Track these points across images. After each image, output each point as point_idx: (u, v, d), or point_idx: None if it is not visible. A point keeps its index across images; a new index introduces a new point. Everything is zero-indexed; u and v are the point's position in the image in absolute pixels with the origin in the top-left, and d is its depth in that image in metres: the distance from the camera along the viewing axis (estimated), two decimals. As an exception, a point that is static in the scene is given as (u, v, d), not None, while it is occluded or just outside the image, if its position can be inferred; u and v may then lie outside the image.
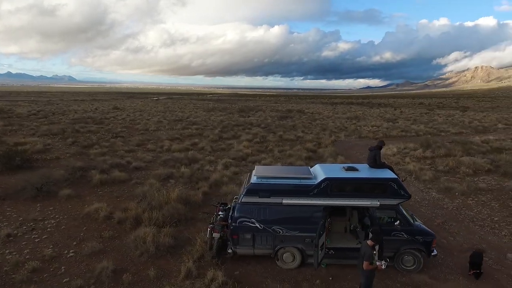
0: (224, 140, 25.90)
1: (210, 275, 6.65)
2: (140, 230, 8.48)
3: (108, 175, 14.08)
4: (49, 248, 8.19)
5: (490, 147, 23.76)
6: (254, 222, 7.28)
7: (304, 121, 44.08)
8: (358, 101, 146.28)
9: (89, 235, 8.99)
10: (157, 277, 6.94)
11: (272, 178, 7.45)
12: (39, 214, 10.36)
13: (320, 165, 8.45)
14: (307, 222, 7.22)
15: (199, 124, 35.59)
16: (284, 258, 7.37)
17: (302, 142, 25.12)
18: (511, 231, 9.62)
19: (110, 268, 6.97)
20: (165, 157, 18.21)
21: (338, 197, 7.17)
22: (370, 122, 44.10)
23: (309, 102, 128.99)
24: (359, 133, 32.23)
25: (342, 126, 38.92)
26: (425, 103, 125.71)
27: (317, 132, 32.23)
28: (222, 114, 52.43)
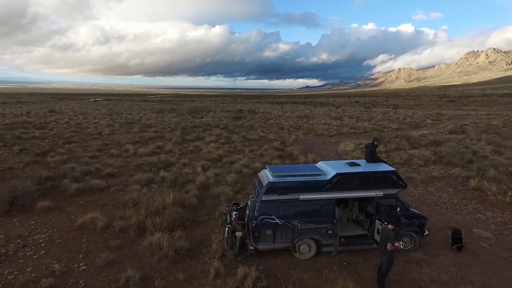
0: (188, 142, 25.62)
1: (242, 272, 6.96)
2: (153, 236, 8.36)
3: (85, 183, 13.27)
4: (55, 264, 7.66)
5: (428, 141, 27.04)
6: (274, 219, 7.75)
7: (259, 121, 45.13)
8: (301, 100, 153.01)
9: (92, 246, 8.57)
10: (187, 279, 7.02)
11: (288, 176, 7.97)
12: (23, 229, 9.50)
13: (324, 162, 9.21)
14: (322, 214, 7.91)
15: (155, 127, 34.49)
16: (301, 250, 7.96)
17: (267, 142, 25.98)
18: (469, 210, 11.45)
19: (137, 276, 6.85)
20: (137, 162, 17.57)
21: (347, 190, 8.00)
22: (320, 121, 46.87)
23: (255, 102, 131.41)
24: (315, 131, 34.17)
25: (296, 125, 40.77)
26: (361, 101, 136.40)
27: (276, 131, 33.42)
28: (174, 116, 51.19)
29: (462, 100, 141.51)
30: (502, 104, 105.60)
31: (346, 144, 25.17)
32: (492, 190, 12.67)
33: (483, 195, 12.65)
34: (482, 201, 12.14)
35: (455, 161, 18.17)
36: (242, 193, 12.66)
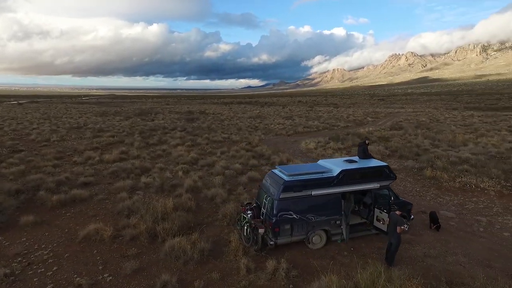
0: (153, 146, 24.98)
1: (271, 265, 7.55)
2: (173, 241, 8.48)
3: (65, 194, 12.50)
4: (76, 277, 7.41)
5: (376, 137, 29.99)
6: (291, 214, 8.47)
7: (214, 122, 45.26)
8: (246, 100, 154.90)
9: (107, 257, 8.37)
10: (222, 278, 7.38)
11: (301, 175, 8.73)
12: (18, 247, 8.82)
13: (323, 160, 10.21)
14: (331, 207, 8.86)
15: (109, 131, 32.66)
16: (313, 241, 8.80)
17: (232, 143, 26.47)
18: (431, 196, 13.45)
19: (174, 280, 7.03)
20: (110, 169, 16.85)
21: (351, 184, 9.05)
22: (273, 121, 48.60)
23: (201, 103, 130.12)
24: (273, 131, 35.52)
25: (252, 125, 41.80)
26: (303, 101, 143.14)
27: (236, 132, 34.01)
28: (122, 119, 48.67)
29: (390, 98, 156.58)
30: (422, 102, 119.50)
31: (306, 142, 26.84)
32: (444, 178, 15.00)
33: (437, 182, 14.88)
34: (438, 188, 14.31)
35: (406, 155, 20.76)
36: (234, 193, 13.10)
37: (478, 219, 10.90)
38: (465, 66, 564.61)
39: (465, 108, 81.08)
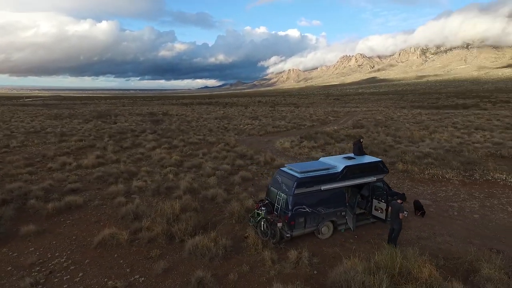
0: (128, 150, 24.38)
1: (293, 255, 8.25)
2: (194, 240, 8.82)
3: (59, 201, 12.08)
4: (107, 281, 7.48)
5: (344, 135, 31.99)
6: (305, 208, 9.23)
7: (181, 124, 44.84)
8: (206, 101, 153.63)
9: (131, 259, 8.47)
10: (251, 270, 7.91)
11: (310, 172, 9.53)
12: (30, 257, 8.56)
13: (325, 158, 11.15)
14: (337, 200, 9.78)
15: (73, 135, 31.06)
16: (323, 231, 9.65)
17: (209, 144, 26.69)
18: (407, 187, 15.06)
19: (209, 275, 7.43)
20: (96, 174, 16.37)
21: (353, 178, 10.06)
22: (240, 121, 49.27)
23: (159, 104, 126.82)
24: (244, 131, 36.19)
25: (222, 126, 42.15)
26: (263, 101, 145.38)
27: (208, 133, 34.13)
28: (80, 122, 46.20)
29: (344, 98, 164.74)
30: (374, 101, 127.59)
31: (281, 142, 27.92)
32: (415, 171, 16.81)
33: (410, 175, 16.63)
34: (411, 179, 16.03)
35: (376, 151, 22.61)
36: (232, 193, 13.58)
37: (451, 205, 12.57)
38: (407, 68, 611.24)
39: (411, 107, 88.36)
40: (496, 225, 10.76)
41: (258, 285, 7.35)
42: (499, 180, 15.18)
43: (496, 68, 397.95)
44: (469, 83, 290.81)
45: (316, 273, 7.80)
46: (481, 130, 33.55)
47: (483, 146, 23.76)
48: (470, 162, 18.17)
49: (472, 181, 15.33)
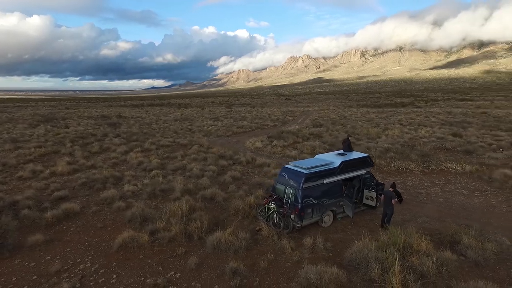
0: (98, 155, 23.58)
1: (308, 241, 9.31)
2: (213, 236, 9.44)
3: (56, 210, 11.76)
4: (145, 280, 7.82)
5: (307, 134, 33.94)
6: (312, 200, 10.33)
7: (141, 126, 43.76)
8: (158, 102, 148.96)
9: (158, 259, 8.82)
10: (275, 257, 8.78)
11: (314, 167, 10.64)
12: (53, 265, 8.49)
13: (320, 155, 12.43)
14: (336, 191, 11.06)
15: (28, 141, 28.92)
16: (325, 220, 10.85)
17: (182, 146, 26.78)
18: (379, 178, 16.93)
19: (242, 264, 8.16)
20: (80, 181, 15.89)
21: (348, 172, 11.41)
22: (202, 122, 49.32)
23: (107, 106, 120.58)
24: (211, 133, 36.54)
25: (185, 128, 42.00)
26: (216, 101, 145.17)
27: (173, 135, 33.92)
28: (26, 127, 42.69)
29: (295, 98, 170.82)
30: (322, 100, 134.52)
31: (251, 142, 28.94)
32: (382, 164, 18.94)
33: (378, 168, 18.69)
34: (381, 172, 18.08)
35: (341, 147, 24.64)
36: (228, 192, 14.26)
37: (419, 192, 14.65)
38: (349, 69, 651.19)
39: (358, 106, 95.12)
40: (458, 206, 12.93)
41: (287, 270, 8.28)
42: (451, 169, 17.84)
43: (424, 70, 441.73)
44: (403, 83, 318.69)
45: (331, 255, 8.96)
46: (423, 126, 37.83)
47: (429, 141, 27.14)
48: (424, 154, 20.89)
49: (430, 171, 17.81)
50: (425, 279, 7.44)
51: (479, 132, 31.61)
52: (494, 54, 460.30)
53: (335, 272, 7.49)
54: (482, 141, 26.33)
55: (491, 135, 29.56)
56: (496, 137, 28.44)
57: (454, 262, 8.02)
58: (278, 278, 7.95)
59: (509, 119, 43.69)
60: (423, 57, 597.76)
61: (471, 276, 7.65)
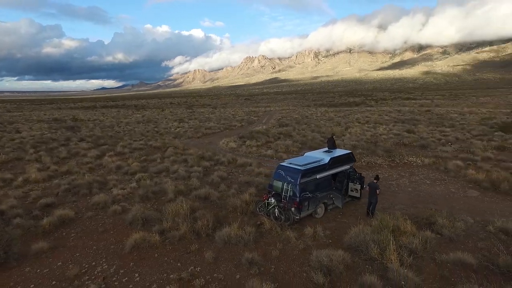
0: (68, 160, 22.68)
1: (309, 231, 10.32)
2: (221, 231, 10.07)
3: (52, 217, 11.53)
4: (168, 276, 8.24)
5: (276, 133, 35.19)
6: (308, 194, 11.35)
7: (104, 129, 42.24)
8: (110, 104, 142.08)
9: (174, 255, 9.22)
10: (283, 246, 9.63)
11: (308, 164, 11.66)
12: (65, 270, 8.54)
13: (309, 153, 13.51)
14: (326, 185, 12.21)
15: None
16: (318, 212, 11.94)
17: (155, 149, 26.59)
18: (353, 173, 18.60)
19: (256, 255, 8.92)
20: (63, 187, 15.43)
21: (336, 167, 12.62)
22: (168, 124, 48.66)
23: (55, 108, 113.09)
24: (181, 135, 36.41)
25: (152, 130, 41.28)
26: (175, 102, 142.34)
27: (142, 138, 33.34)
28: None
29: (254, 98, 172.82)
30: (281, 100, 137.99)
31: (224, 143, 29.56)
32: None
33: (350, 163, 20.35)
34: (354, 166, 19.72)
35: (314, 146, 26.28)
36: (220, 191, 14.83)
37: (390, 183, 16.43)
38: (304, 69, 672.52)
39: (315, 105, 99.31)
40: (425, 193, 14.82)
41: (296, 256, 9.20)
42: (412, 162, 20.08)
43: (372, 71, 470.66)
44: (354, 83, 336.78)
45: (331, 241, 10.05)
46: (380, 124, 41.08)
47: (388, 137, 29.82)
48: (387, 150, 23.13)
49: (395, 164, 19.89)
50: (415, 254, 8.80)
51: (428, 129, 35.27)
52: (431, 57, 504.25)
53: (341, 254, 8.56)
54: (432, 137, 29.56)
55: (438, 131, 33.18)
56: (443, 133, 32.04)
57: (434, 240, 9.51)
58: (291, 264, 8.84)
59: (449, 116, 48.97)
60: (370, 59, 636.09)
61: (448, 250, 9.17)
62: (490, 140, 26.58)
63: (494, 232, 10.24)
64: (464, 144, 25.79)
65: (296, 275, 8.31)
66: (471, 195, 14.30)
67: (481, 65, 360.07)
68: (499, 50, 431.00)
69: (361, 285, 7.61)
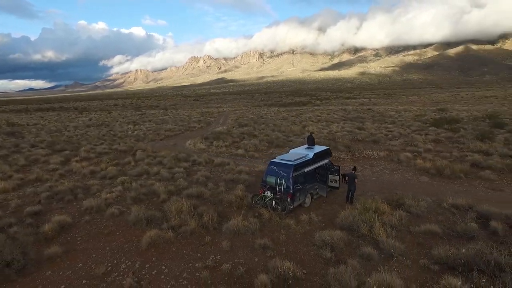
0: (27, 168, 21.46)
1: (305, 217, 11.80)
2: (228, 223, 11.10)
3: (52, 224, 11.42)
4: (194, 265, 9.04)
5: (239, 133, 36.39)
6: (299, 185, 12.81)
7: (52, 134, 39.72)
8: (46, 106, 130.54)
9: (190, 248, 9.96)
10: (287, 231, 10.95)
11: (297, 159, 13.10)
12: (89, 271, 8.87)
13: (294, 150, 15.00)
14: (312, 178, 13.81)
15: None
16: (306, 201, 13.47)
17: (122, 153, 26.15)
18: (322, 167, 20.63)
19: (267, 240, 10.11)
20: (43, 194, 14.96)
21: (318, 162, 14.29)
22: (123, 127, 47.06)
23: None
24: (141, 137, 35.79)
25: (108, 134, 39.81)
26: (119, 104, 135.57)
27: (103, 142, 32.26)
28: None
29: (202, 98, 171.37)
30: (231, 101, 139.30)
31: (191, 144, 30.05)
32: (320, 155, 22.75)
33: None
34: (321, 161, 21.81)
35: (281, 144, 28.06)
36: (210, 189, 15.66)
37: (357, 174, 18.65)
38: (249, 69, 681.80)
39: (265, 105, 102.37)
40: (387, 181, 17.28)
41: (300, 239, 10.59)
42: (370, 156, 22.82)
43: (314, 71, 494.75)
44: (298, 83, 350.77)
45: (324, 225, 11.64)
46: (331, 122, 44.54)
47: (343, 134, 32.81)
48: (347, 145, 25.76)
49: (357, 158, 22.44)
50: (395, 229, 10.76)
51: (374, 126, 39.29)
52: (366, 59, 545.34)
53: (339, 234, 10.18)
54: (380, 133, 33.24)
55: (384, 128, 37.26)
56: (388, 129, 36.11)
57: (406, 216, 11.62)
58: (297, 245, 10.21)
59: (389, 114, 54.56)
60: (312, 60, 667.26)
61: (418, 223, 11.32)
62: (427, 134, 30.87)
63: (448, 207, 12.74)
64: (407, 138, 29.61)
65: (305, 253, 9.71)
66: (423, 181, 17.09)
67: (407, 67, 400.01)
68: (421, 53, 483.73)
69: (361, 255, 9.28)
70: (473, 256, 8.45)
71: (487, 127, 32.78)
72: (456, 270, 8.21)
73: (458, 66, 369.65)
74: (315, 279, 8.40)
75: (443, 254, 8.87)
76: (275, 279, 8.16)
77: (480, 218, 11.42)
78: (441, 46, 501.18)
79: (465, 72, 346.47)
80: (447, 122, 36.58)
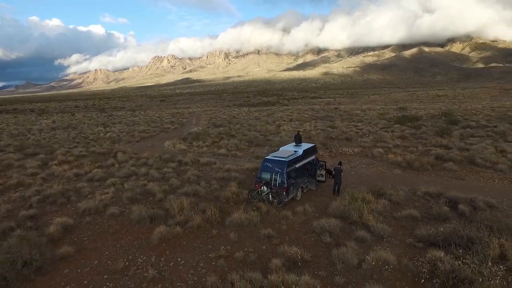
0: (5, 171, 20.66)
1: (300, 208, 12.86)
2: (231, 217, 11.87)
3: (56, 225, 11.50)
4: (208, 255, 9.72)
5: (216, 133, 36.92)
6: (292, 180, 13.86)
7: (23, 139, 37.69)
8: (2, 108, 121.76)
9: (200, 241, 10.59)
10: (287, 221, 11.91)
11: (290, 156, 14.13)
12: (107, 267, 9.24)
13: (284, 147, 16.02)
14: (302, 172, 14.92)
15: None
16: (298, 195, 14.54)
17: (102, 155, 25.77)
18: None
19: (270, 230, 11.02)
20: (33, 199, 14.73)
21: (306, 158, 15.42)
22: (93, 129, 45.70)
23: None
24: (116, 139, 35.19)
25: (79, 137, 38.68)
26: (80, 105, 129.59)
27: (76, 146, 31.37)
28: None
29: (169, 99, 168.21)
30: (199, 101, 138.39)
31: (169, 145, 30.16)
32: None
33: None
34: (302, 158, 23.11)
35: (261, 143, 29.07)
36: (204, 188, 16.25)
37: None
38: (215, 69, 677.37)
39: (234, 105, 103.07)
40: (365, 175, 18.89)
41: (299, 228, 11.61)
42: (346, 152, 24.52)
43: (280, 71, 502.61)
44: (264, 83, 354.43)
45: (318, 215, 12.78)
46: (303, 121, 46.35)
47: (317, 133, 34.55)
48: (323, 143, 27.35)
49: (334, 154, 24.02)
50: (382, 214, 12.15)
51: (344, 124, 41.57)
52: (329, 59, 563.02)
53: (334, 221, 11.35)
54: (351, 131, 35.39)
55: (353, 126, 39.58)
56: (357, 127, 38.44)
57: (388, 204, 13.09)
58: (298, 233, 11.24)
59: (355, 113, 57.59)
60: (277, 60, 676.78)
61: (400, 209, 12.82)
62: (393, 131, 33.44)
63: (422, 195, 14.43)
64: (376, 135, 31.92)
65: (307, 240, 10.76)
66: (397, 173, 18.91)
67: (367, 67, 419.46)
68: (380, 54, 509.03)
69: (356, 238, 10.50)
70: (450, 233, 9.95)
71: (444, 124, 36.13)
72: (437, 246, 9.65)
73: (413, 67, 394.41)
74: (321, 260, 9.46)
75: (425, 233, 10.33)
76: (286, 262, 9.11)
77: (450, 203, 13.16)
78: (398, 48, 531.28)
79: (419, 73, 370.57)
80: (409, 120, 39.67)
